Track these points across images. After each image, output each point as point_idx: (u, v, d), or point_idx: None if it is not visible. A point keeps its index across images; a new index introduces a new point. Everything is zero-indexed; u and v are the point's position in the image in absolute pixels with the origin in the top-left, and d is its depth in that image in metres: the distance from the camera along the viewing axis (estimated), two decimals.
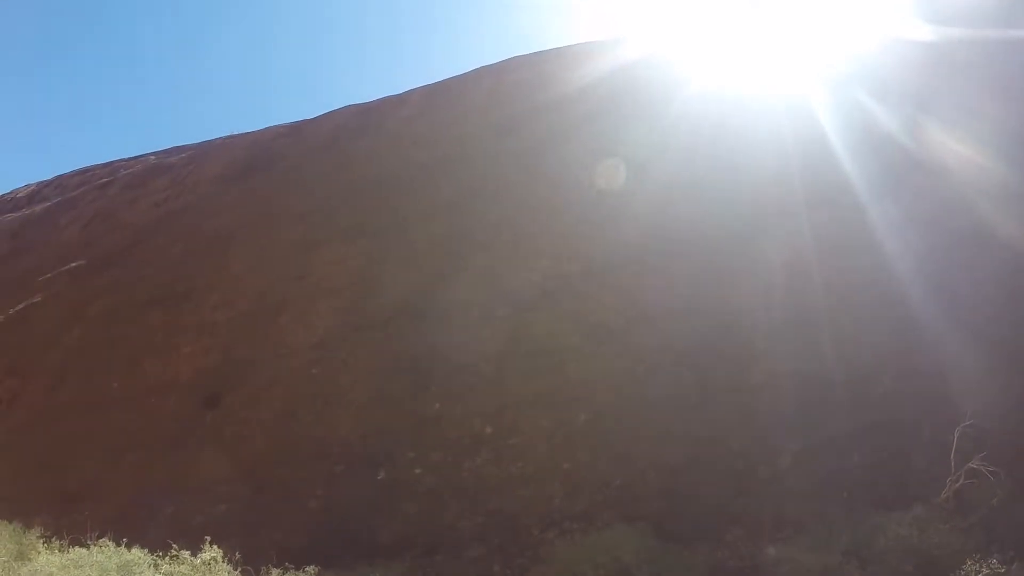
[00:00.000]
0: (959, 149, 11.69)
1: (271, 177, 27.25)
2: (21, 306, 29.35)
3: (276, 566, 10.14)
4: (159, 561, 10.49)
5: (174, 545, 10.46)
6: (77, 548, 11.45)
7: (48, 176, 58.79)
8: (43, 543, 12.73)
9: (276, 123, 34.26)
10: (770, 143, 14.01)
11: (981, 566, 6.76)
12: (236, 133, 37.34)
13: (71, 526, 14.62)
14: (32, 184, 62.00)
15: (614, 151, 16.15)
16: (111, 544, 11.14)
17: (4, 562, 11.40)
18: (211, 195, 28.65)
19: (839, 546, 7.82)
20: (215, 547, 10.46)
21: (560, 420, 12.08)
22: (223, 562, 10.33)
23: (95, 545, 11.26)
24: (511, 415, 12.61)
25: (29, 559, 11.44)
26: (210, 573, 10.17)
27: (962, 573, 6.77)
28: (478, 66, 25.27)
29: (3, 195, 64.82)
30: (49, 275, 30.93)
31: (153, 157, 44.28)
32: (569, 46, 23.19)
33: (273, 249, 20.64)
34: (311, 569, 10.03)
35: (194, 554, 10.37)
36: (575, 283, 14.29)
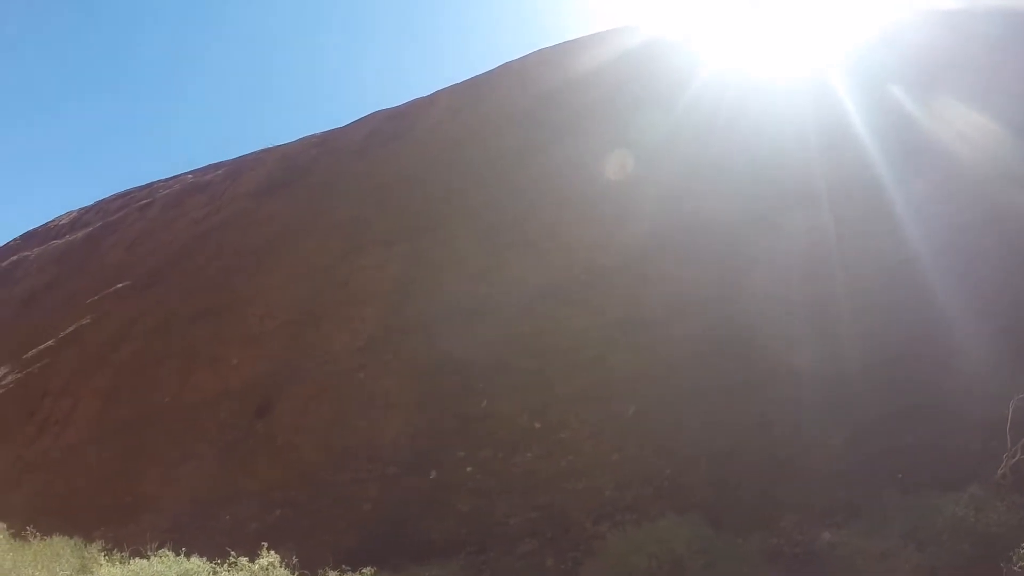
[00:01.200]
0: (981, 128, 11.52)
1: (306, 188, 27.79)
2: (71, 328, 30.40)
3: (332, 568, 10.29)
4: (218, 568, 10.72)
5: (232, 552, 10.73)
6: (137, 559, 11.77)
7: (88, 202, 60.64)
8: (104, 556, 13.13)
9: (307, 134, 35.02)
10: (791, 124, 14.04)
11: None
12: (268, 147, 38.22)
13: (130, 538, 15.09)
14: (73, 211, 63.99)
15: (628, 140, 16.31)
16: (170, 554, 11.51)
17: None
18: (248, 209, 29.35)
19: (895, 529, 7.72)
20: (272, 552, 10.70)
21: (607, 413, 12.07)
22: (280, 567, 10.52)
23: (155, 556, 11.61)
24: (558, 410, 12.64)
25: (91, 572, 11.79)
26: None
27: (1022, 551, 6.61)
28: (501, 62, 25.68)
29: (46, 223, 67.04)
30: (96, 297, 31.99)
31: (190, 176, 45.40)
32: (591, 35, 23.33)
33: (313, 258, 21.09)
34: (367, 571, 10.17)
35: (252, 560, 10.61)
36: (611, 276, 14.34)
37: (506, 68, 25.43)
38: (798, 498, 9.25)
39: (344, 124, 32.66)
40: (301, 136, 35.23)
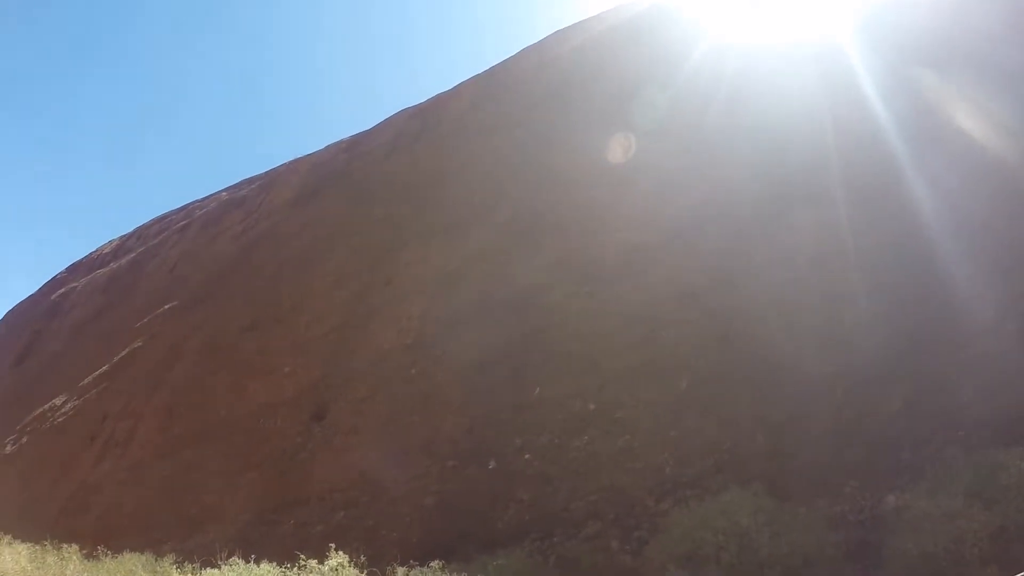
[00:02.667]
0: (1000, 106, 11.15)
1: (339, 193, 28.21)
2: (124, 352, 31.39)
3: (400, 564, 10.40)
4: (287, 572, 10.91)
5: (301, 555, 10.91)
6: (208, 569, 12.16)
7: (128, 228, 62.35)
8: (176, 568, 13.58)
9: (328, 141, 35.57)
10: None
11: None
12: (298, 157, 38.88)
13: (199, 549, 15.56)
14: (115, 239, 65.92)
15: (659, 114, 16.23)
16: (240, 562, 11.74)
17: None
18: (285, 220, 29.91)
19: (960, 488, 7.59)
20: (340, 553, 10.83)
21: (662, 389, 12.02)
22: (349, 566, 10.65)
23: (225, 564, 11.93)
24: (613, 389, 12.62)
25: None
26: None
27: None
28: (520, 47, 25.76)
29: (89, 254, 69.12)
30: (145, 320, 32.95)
31: (224, 194, 46.41)
32: (614, 7, 23.18)
33: (353, 261, 21.45)
34: (435, 564, 10.24)
35: (320, 562, 10.75)
36: (654, 251, 14.29)
37: (524, 54, 25.49)
38: (860, 463, 9.16)
39: (370, 127, 33.08)
40: (329, 143, 35.79)
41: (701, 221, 14.04)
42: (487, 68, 27.38)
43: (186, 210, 51.69)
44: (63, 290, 60.32)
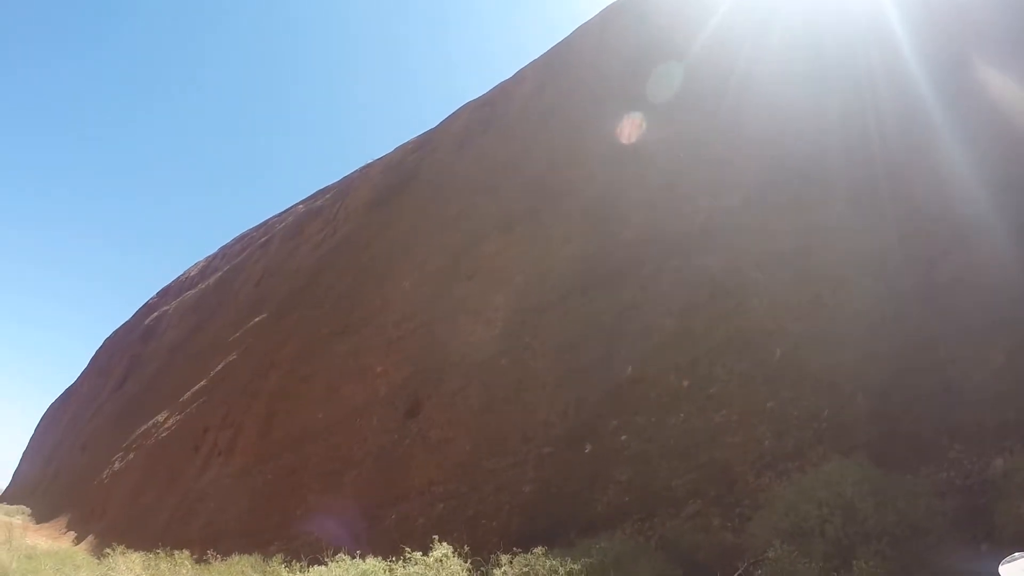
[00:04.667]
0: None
1: (414, 192, 28.94)
2: (220, 366, 33.07)
3: (503, 552, 10.56)
4: (393, 566, 11.42)
5: (406, 548, 11.41)
6: (316, 567, 12.79)
7: (212, 249, 65.38)
8: (284, 567, 14.29)
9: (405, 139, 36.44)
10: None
11: None
12: (370, 161, 40.07)
13: (305, 548, 16.29)
14: (200, 261, 69.29)
15: (731, 81, 15.98)
16: (346, 558, 12.35)
17: None
18: (363, 225, 30.89)
19: None
20: (443, 544, 11.31)
21: (756, 359, 11.78)
22: (453, 556, 11.08)
23: (332, 561, 12.51)
24: (706, 364, 12.48)
25: None
26: (443, 569, 10.87)
27: None
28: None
29: (177, 277, 72.85)
30: (238, 334, 34.61)
31: (301, 206, 48.21)
32: None
33: (435, 257, 22.02)
34: (538, 550, 10.27)
35: (425, 554, 11.24)
36: (738, 215, 14.03)
37: (584, 30, 25.54)
38: (964, 425, 8.81)
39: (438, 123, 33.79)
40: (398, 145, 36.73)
41: (783, 182, 13.77)
42: (547, 51, 27.63)
43: (266, 226, 53.92)
44: (156, 314, 63.79)
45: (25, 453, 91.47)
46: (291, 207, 51.49)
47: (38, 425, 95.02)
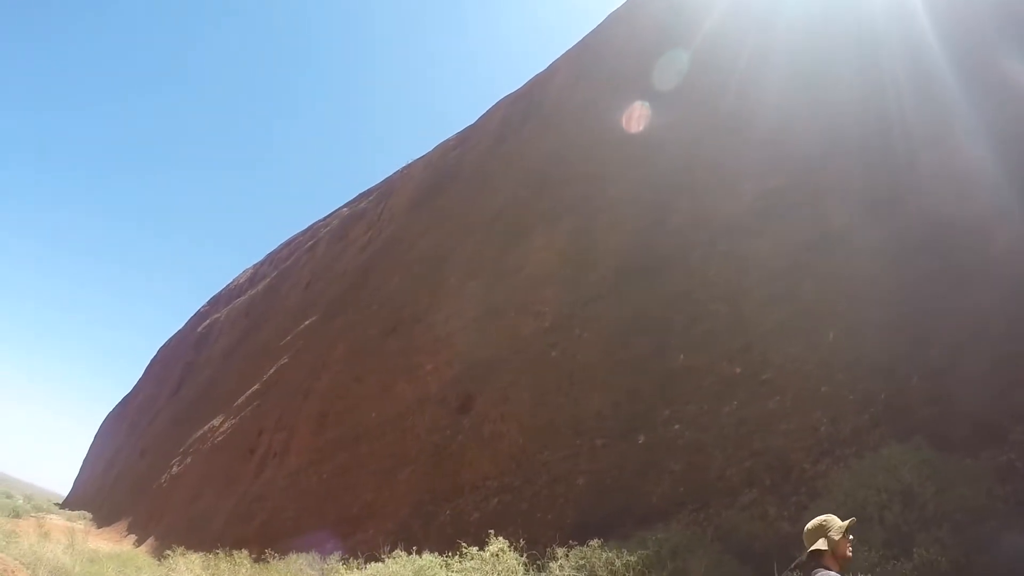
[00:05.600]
0: None
1: (457, 189, 29.18)
2: (272, 370, 33.84)
3: (559, 545, 10.58)
4: (449, 561, 11.57)
5: (462, 543, 11.51)
6: (373, 563, 13.00)
7: (260, 256, 66.93)
8: (342, 564, 14.58)
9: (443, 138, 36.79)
10: None
11: None
12: (410, 161, 40.60)
13: (361, 545, 16.63)
14: (248, 268, 70.94)
15: (775, 59, 15.75)
16: (403, 554, 12.64)
17: None
18: (407, 224, 31.29)
19: None
20: (499, 538, 11.32)
21: (809, 344, 11.59)
22: (509, 551, 11.10)
23: (388, 557, 12.77)
24: (758, 350, 12.34)
25: None
26: (499, 563, 10.90)
27: None
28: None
29: (227, 285, 74.68)
30: (288, 337, 35.36)
31: (345, 209, 49.04)
32: None
33: (481, 253, 22.19)
34: (594, 543, 10.28)
35: (481, 548, 11.30)
36: (787, 196, 13.84)
37: (614, 17, 25.48)
38: None
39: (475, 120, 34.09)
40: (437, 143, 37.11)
41: (830, 158, 13.55)
42: (578, 41, 27.68)
43: (311, 230, 54.98)
44: (208, 322, 65.53)
45: (85, 462, 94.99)
46: (335, 211, 52.42)
47: (96, 435, 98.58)
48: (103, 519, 46.59)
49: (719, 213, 14.88)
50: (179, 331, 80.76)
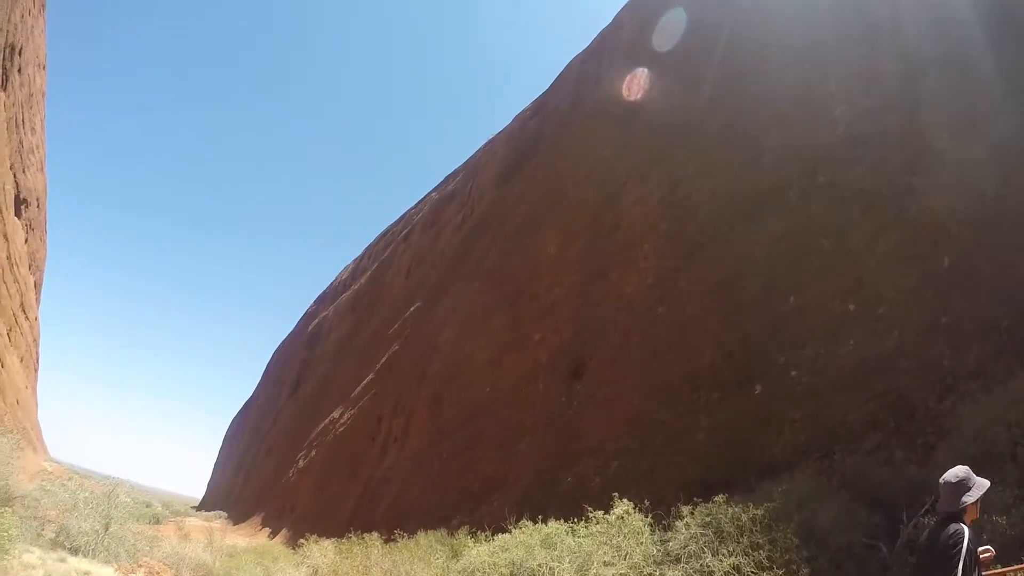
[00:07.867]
0: None
1: (541, 157, 29.30)
2: (384, 358, 35.17)
3: (684, 503, 10.37)
4: (575, 526, 11.75)
5: (588, 508, 11.55)
6: (500, 535, 13.44)
7: (357, 251, 69.21)
8: (470, 538, 15.10)
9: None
10: None
11: None
12: (490, 137, 40.96)
13: (487, 518, 17.13)
14: (348, 264, 73.50)
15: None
16: (529, 523, 12.93)
17: (442, 562, 13.87)
18: (498, 199, 31.69)
19: None
20: (624, 501, 11.29)
21: (923, 271, 11.06)
22: (634, 512, 11.06)
23: (515, 528, 13.20)
24: (870, 284, 11.85)
25: (461, 555, 13.58)
26: (624, 525, 10.93)
27: None
28: None
29: (331, 283, 77.63)
30: (396, 325, 36.61)
31: (434, 194, 50.06)
32: None
33: (576, 217, 22.30)
34: (719, 498, 10.10)
35: (606, 512, 11.30)
36: (882, 117, 13.12)
37: None
38: None
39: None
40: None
41: (929, 83, 12.80)
42: None
43: (404, 219, 56.41)
44: (317, 320, 68.44)
45: (215, 465, 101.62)
46: (424, 196, 53.53)
47: (224, 439, 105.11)
48: (238, 516, 49.81)
49: (812, 143, 14.37)
50: (291, 333, 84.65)
